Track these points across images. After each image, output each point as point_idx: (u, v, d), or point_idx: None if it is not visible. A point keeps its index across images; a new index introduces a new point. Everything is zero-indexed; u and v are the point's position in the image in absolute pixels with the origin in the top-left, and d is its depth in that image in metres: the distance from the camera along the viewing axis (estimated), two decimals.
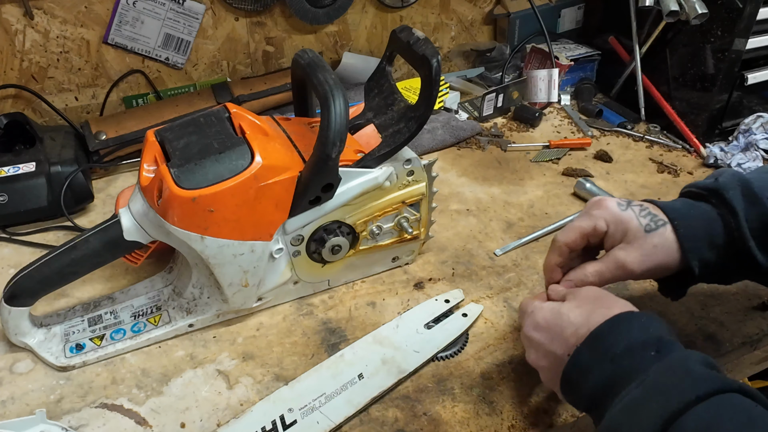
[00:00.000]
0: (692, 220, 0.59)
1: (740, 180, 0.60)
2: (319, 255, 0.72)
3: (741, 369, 0.76)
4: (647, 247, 0.58)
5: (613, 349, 0.49)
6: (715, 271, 0.60)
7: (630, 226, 0.59)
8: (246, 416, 0.61)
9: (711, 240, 0.59)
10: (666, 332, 0.51)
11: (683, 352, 0.49)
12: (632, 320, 0.51)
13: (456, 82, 1.25)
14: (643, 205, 0.61)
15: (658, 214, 0.60)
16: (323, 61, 0.67)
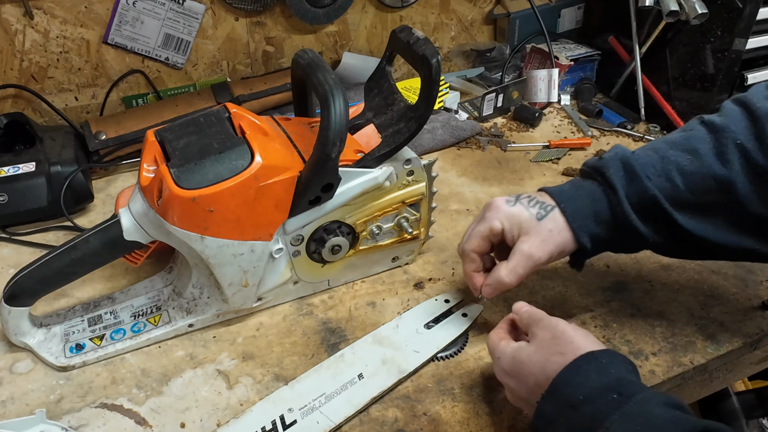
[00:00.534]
0: (578, 200, 0.63)
1: (622, 157, 0.63)
2: (319, 255, 0.72)
3: (741, 369, 0.76)
4: (543, 233, 0.63)
5: (574, 397, 0.49)
6: (609, 243, 0.65)
7: (522, 218, 0.63)
8: (246, 416, 0.61)
9: (597, 216, 0.63)
10: (626, 371, 0.50)
11: (645, 393, 0.48)
12: (590, 363, 0.50)
13: (456, 82, 1.25)
14: (530, 196, 0.65)
15: (545, 200, 0.64)
16: (323, 61, 0.67)
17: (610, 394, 0.48)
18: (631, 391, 0.48)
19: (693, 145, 0.61)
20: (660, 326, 0.72)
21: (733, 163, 0.59)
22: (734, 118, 0.60)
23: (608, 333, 0.71)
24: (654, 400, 0.47)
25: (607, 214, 0.63)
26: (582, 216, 0.63)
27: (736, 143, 0.59)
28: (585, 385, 0.49)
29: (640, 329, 0.72)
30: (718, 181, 0.59)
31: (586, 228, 0.63)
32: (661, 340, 0.70)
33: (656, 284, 0.78)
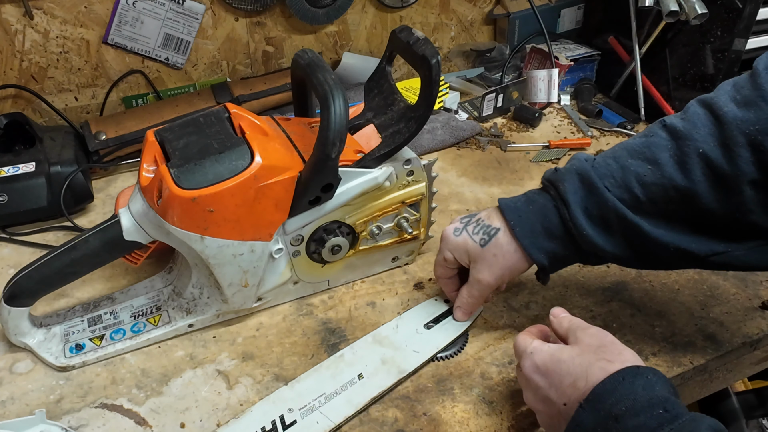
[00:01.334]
0: (528, 216, 0.62)
1: (579, 169, 0.61)
2: (319, 255, 0.72)
3: (741, 369, 0.76)
4: (489, 259, 0.64)
5: (617, 408, 0.46)
6: (569, 257, 0.63)
7: (468, 247, 0.65)
8: (246, 416, 0.61)
9: (548, 232, 0.62)
10: (671, 392, 0.48)
11: (693, 415, 0.46)
12: (636, 377, 0.48)
13: (456, 82, 1.25)
14: (479, 220, 0.66)
15: (492, 223, 0.64)
16: (323, 61, 0.67)
17: (656, 410, 0.45)
18: (677, 411, 0.45)
19: (654, 153, 0.58)
20: (660, 326, 0.72)
21: (694, 173, 0.55)
22: (698, 122, 0.57)
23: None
24: (703, 422, 0.45)
25: (559, 229, 0.61)
26: (532, 233, 0.62)
27: (699, 152, 0.56)
28: (630, 398, 0.46)
29: (640, 329, 0.72)
30: (680, 191, 0.56)
31: (538, 245, 0.62)
32: (661, 340, 0.70)
33: (656, 284, 0.78)
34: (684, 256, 0.58)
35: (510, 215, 0.63)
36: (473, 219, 0.66)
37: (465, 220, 0.67)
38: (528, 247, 0.62)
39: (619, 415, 0.46)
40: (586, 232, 0.59)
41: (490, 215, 0.65)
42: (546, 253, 0.62)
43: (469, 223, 0.66)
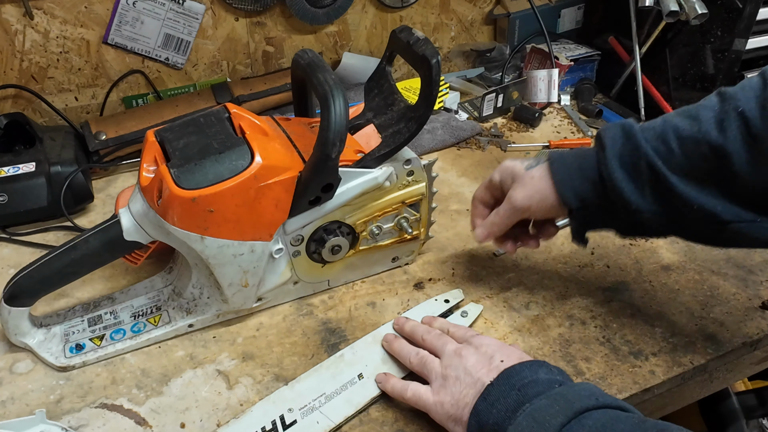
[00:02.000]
0: (568, 158, 0.65)
1: (626, 122, 0.63)
2: (319, 255, 0.72)
3: (741, 369, 0.76)
4: (527, 180, 0.66)
5: (521, 383, 0.53)
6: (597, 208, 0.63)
7: (515, 170, 0.67)
8: (246, 416, 0.61)
9: (582, 172, 0.63)
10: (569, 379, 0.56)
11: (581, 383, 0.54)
12: (540, 367, 0.55)
13: (456, 82, 1.25)
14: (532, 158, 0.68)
15: (542, 158, 0.67)
16: (323, 61, 0.67)
17: (553, 384, 0.53)
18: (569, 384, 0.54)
19: (698, 112, 0.59)
20: (660, 326, 0.72)
21: (730, 131, 0.56)
22: (747, 85, 0.57)
23: (608, 333, 0.71)
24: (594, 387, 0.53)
25: (593, 172, 0.62)
26: (567, 170, 0.64)
27: (738, 110, 0.56)
28: (533, 376, 0.54)
29: (640, 329, 0.72)
30: (713, 149, 0.56)
31: (570, 183, 0.63)
32: (661, 340, 0.70)
33: (656, 284, 0.78)
34: (708, 217, 0.58)
35: (553, 155, 0.66)
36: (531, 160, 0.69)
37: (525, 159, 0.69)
38: (559, 183, 0.64)
39: (521, 386, 0.53)
40: (615, 176, 0.60)
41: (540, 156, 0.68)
42: (575, 194, 0.63)
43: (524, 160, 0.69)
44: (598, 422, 0.47)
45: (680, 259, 0.82)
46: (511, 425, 0.50)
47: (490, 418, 0.52)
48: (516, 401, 0.52)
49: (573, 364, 0.67)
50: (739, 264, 0.81)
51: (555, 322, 0.73)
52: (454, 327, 0.66)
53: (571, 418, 0.48)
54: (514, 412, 0.51)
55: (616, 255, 0.83)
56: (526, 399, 0.51)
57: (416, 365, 0.63)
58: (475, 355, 0.59)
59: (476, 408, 0.54)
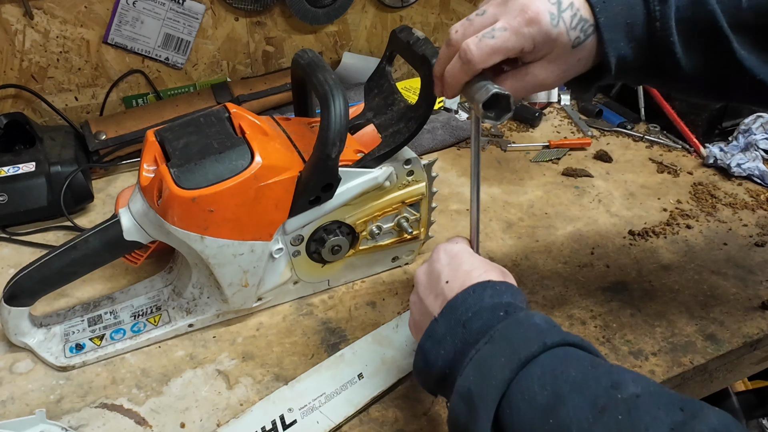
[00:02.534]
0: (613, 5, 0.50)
1: None
2: (319, 255, 0.72)
3: (741, 369, 0.76)
4: (571, 62, 0.51)
5: (465, 316, 0.50)
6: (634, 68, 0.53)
7: (558, 43, 0.50)
8: (246, 416, 0.61)
9: (629, 30, 0.51)
10: (518, 300, 0.51)
11: (528, 311, 0.49)
12: (485, 289, 0.51)
13: None
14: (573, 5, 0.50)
15: (588, 18, 0.50)
16: (323, 61, 0.67)
17: (497, 312, 0.49)
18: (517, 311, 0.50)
19: None
20: (660, 326, 0.72)
21: None
22: None
23: (608, 333, 0.71)
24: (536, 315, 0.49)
25: (641, 29, 0.50)
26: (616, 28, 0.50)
27: None
28: (477, 305, 0.50)
29: (640, 329, 0.72)
30: None
31: (616, 43, 0.51)
32: (661, 340, 0.70)
33: (656, 284, 0.78)
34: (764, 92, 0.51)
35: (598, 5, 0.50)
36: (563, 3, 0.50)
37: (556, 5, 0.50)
38: (607, 43, 0.50)
39: (466, 320, 0.49)
40: (672, 39, 0.50)
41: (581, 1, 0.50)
42: (619, 56, 0.51)
43: (563, 7, 0.50)
44: (546, 369, 0.44)
45: (680, 259, 0.82)
46: (460, 376, 0.47)
47: (438, 360, 0.50)
48: (462, 342, 0.49)
49: None
50: (739, 264, 0.81)
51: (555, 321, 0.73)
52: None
53: (518, 371, 0.44)
54: (461, 358, 0.48)
55: (616, 255, 0.83)
56: (472, 338, 0.48)
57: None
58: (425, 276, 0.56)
59: (422, 347, 0.51)
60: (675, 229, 0.88)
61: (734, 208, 0.92)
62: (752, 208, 0.92)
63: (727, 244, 0.85)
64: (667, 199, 0.95)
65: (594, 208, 0.93)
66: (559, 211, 0.92)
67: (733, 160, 1.00)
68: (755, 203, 0.93)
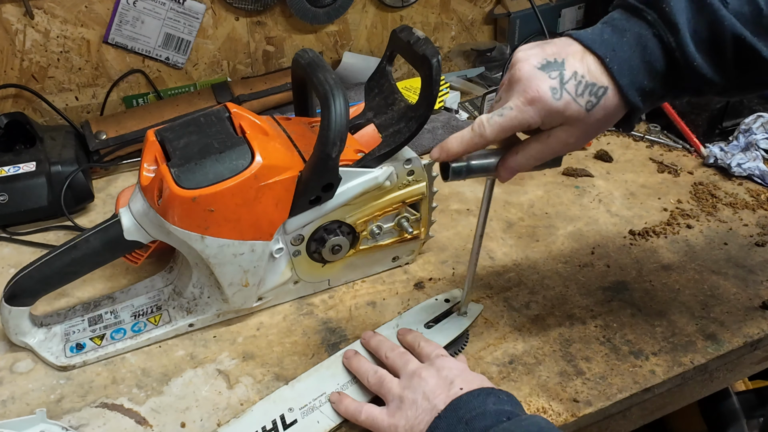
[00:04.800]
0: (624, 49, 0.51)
1: None
2: (320, 255, 0.72)
3: (741, 369, 0.76)
4: (592, 124, 0.52)
5: (468, 416, 0.51)
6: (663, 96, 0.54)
7: (568, 113, 0.51)
8: (246, 416, 0.61)
9: (650, 68, 0.51)
10: (520, 410, 0.53)
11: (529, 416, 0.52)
12: (489, 396, 0.53)
13: (456, 82, 1.25)
14: (577, 74, 0.51)
15: (597, 81, 0.51)
16: (323, 61, 0.67)
17: (501, 417, 0.51)
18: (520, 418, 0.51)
19: None
20: (660, 326, 0.72)
21: None
22: None
23: (608, 333, 0.71)
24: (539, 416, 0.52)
25: (661, 63, 0.50)
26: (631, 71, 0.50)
27: None
28: (481, 408, 0.52)
29: (641, 329, 0.72)
30: None
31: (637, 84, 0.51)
32: (662, 340, 0.70)
33: (656, 284, 0.78)
34: None
35: (601, 50, 0.51)
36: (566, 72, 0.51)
37: (555, 73, 0.51)
38: (626, 88, 0.50)
39: (469, 419, 0.51)
40: (696, 63, 0.49)
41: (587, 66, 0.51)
42: (643, 94, 0.51)
43: (564, 79, 0.51)
44: None
45: (680, 259, 0.82)
46: None
47: None
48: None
49: (573, 364, 0.67)
50: (739, 264, 0.81)
51: (555, 321, 0.73)
52: (425, 342, 0.64)
53: None
54: None
55: (617, 254, 0.83)
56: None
57: (374, 385, 0.60)
58: (435, 378, 0.56)
59: None
60: (675, 228, 0.88)
61: (735, 207, 0.92)
62: (753, 208, 0.92)
63: (728, 243, 0.85)
64: (668, 199, 0.95)
65: (594, 208, 0.93)
66: (559, 211, 0.92)
67: (734, 159, 1.00)
68: (756, 203, 0.93)
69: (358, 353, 0.65)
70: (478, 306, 0.73)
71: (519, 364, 0.67)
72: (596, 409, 0.63)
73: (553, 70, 0.52)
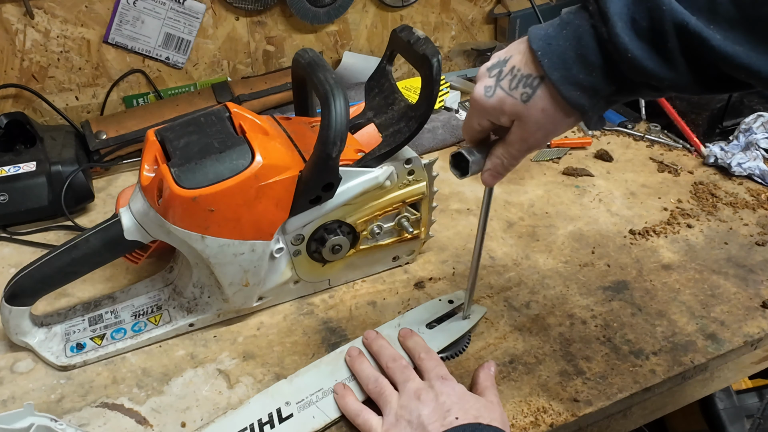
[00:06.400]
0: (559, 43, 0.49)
1: None
2: (320, 254, 0.72)
3: (741, 368, 0.76)
4: (536, 115, 0.51)
5: None
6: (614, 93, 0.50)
7: (506, 108, 0.52)
8: (244, 408, 0.61)
9: (584, 60, 0.48)
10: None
11: None
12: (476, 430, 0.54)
13: (456, 82, 1.25)
14: (514, 69, 0.52)
15: (531, 71, 0.50)
16: (323, 61, 0.67)
17: None
18: None
19: None
20: (660, 326, 0.72)
21: None
22: None
23: (608, 333, 0.71)
24: None
25: (596, 55, 0.47)
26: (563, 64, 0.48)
27: None
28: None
29: (641, 329, 0.72)
30: None
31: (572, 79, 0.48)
32: (662, 340, 0.70)
33: (657, 283, 0.78)
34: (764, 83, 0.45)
35: (537, 44, 0.49)
36: (506, 68, 0.52)
37: (495, 71, 0.53)
38: (558, 83, 0.48)
39: None
40: (631, 54, 0.45)
41: (525, 59, 0.51)
42: (582, 89, 0.49)
43: (501, 75, 0.52)
44: None
45: (681, 259, 0.82)
46: None
47: None
48: None
49: (573, 364, 0.67)
50: (739, 263, 0.81)
51: (555, 321, 0.73)
52: (426, 354, 0.64)
53: None
54: None
55: (617, 254, 0.83)
56: None
57: (373, 392, 0.61)
58: (432, 404, 0.57)
59: None
60: (676, 228, 0.88)
61: (735, 207, 0.92)
62: (753, 208, 0.92)
63: (728, 243, 0.85)
64: (668, 199, 0.95)
65: (594, 208, 0.93)
66: (559, 211, 0.92)
67: (734, 159, 1.00)
68: (756, 202, 0.93)
69: (362, 354, 0.65)
70: (482, 309, 0.73)
71: (519, 363, 0.67)
72: (596, 409, 0.63)
73: (495, 69, 0.53)
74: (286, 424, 0.59)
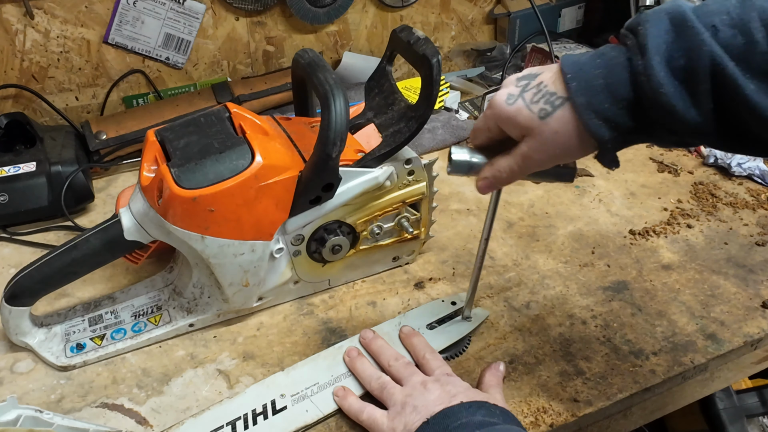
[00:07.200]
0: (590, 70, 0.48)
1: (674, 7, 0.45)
2: (320, 255, 0.72)
3: (741, 368, 0.76)
4: (547, 135, 0.50)
5: (453, 425, 0.52)
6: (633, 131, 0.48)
7: (520, 119, 0.51)
8: (239, 397, 0.62)
9: (612, 90, 0.46)
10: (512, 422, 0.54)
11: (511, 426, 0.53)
12: (480, 408, 0.54)
13: (456, 82, 1.25)
14: (542, 84, 0.51)
15: (557, 91, 0.50)
16: (323, 61, 0.67)
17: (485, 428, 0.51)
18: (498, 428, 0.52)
19: None
20: (660, 326, 0.72)
21: None
22: None
23: (608, 333, 0.71)
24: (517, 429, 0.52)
25: (626, 88, 0.46)
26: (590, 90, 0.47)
27: None
28: (468, 418, 0.53)
29: (641, 329, 0.72)
30: None
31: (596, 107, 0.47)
32: (662, 340, 0.70)
33: (657, 283, 0.78)
34: None
35: (569, 67, 0.49)
36: (534, 82, 0.51)
37: (523, 82, 0.52)
38: (581, 107, 0.47)
39: (453, 428, 0.52)
40: (663, 90, 0.44)
41: (554, 78, 0.50)
42: (604, 119, 0.47)
43: (527, 87, 0.51)
44: None
45: (681, 259, 0.82)
46: None
47: None
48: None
49: (573, 364, 0.67)
50: (739, 263, 0.81)
51: (555, 321, 0.73)
52: (431, 354, 0.64)
53: None
54: None
55: (617, 254, 0.83)
56: None
57: (375, 389, 0.61)
58: (439, 390, 0.58)
59: None
60: (675, 228, 0.88)
61: (735, 207, 0.92)
62: (753, 208, 0.92)
63: (728, 243, 0.85)
64: (668, 199, 0.95)
65: (594, 208, 0.93)
66: (559, 211, 0.92)
67: (734, 159, 1.00)
68: (756, 202, 0.93)
69: (362, 354, 0.65)
70: (484, 312, 0.73)
71: (519, 363, 0.67)
72: (596, 409, 0.63)
73: (523, 80, 0.53)
74: (279, 416, 0.60)
